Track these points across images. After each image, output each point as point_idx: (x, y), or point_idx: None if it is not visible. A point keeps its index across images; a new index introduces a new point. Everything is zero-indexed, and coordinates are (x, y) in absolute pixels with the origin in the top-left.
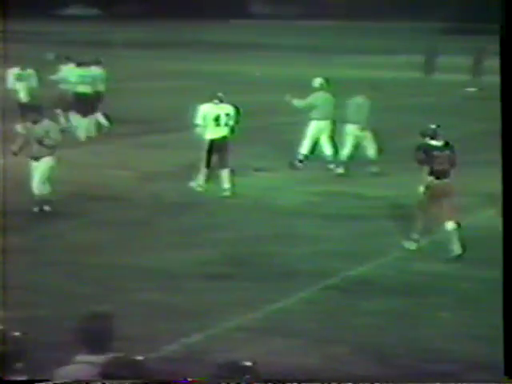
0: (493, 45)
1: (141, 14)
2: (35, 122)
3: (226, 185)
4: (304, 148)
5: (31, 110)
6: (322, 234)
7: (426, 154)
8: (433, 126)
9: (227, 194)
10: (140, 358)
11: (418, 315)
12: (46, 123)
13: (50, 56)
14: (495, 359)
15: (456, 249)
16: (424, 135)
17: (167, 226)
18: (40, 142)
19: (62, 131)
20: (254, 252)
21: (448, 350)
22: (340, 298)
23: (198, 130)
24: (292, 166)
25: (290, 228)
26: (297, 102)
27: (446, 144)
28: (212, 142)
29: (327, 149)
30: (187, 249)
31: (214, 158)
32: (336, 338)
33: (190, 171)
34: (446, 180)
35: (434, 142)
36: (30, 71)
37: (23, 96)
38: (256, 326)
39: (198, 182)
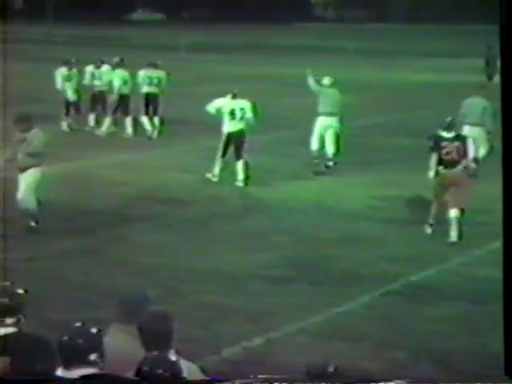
0: None
1: (205, 18)
2: (24, 131)
3: (241, 175)
4: (313, 144)
5: (21, 119)
6: (384, 238)
7: (435, 144)
8: (448, 119)
9: (241, 184)
10: (174, 358)
11: (480, 321)
12: (33, 132)
13: (116, 59)
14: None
15: (453, 235)
16: (440, 127)
17: (228, 229)
18: (23, 152)
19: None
20: (315, 255)
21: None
22: (401, 303)
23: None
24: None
25: (352, 232)
26: (311, 81)
27: (457, 136)
28: (229, 135)
29: (329, 146)
30: (249, 252)
31: (231, 150)
32: (397, 342)
33: (253, 174)
34: (454, 170)
35: (444, 134)
36: (75, 71)
37: (70, 95)
38: (317, 329)
39: (214, 173)
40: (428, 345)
